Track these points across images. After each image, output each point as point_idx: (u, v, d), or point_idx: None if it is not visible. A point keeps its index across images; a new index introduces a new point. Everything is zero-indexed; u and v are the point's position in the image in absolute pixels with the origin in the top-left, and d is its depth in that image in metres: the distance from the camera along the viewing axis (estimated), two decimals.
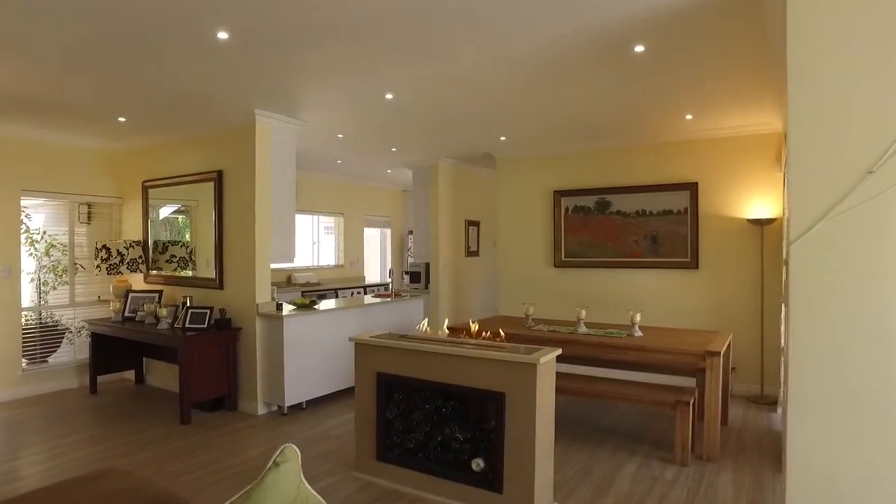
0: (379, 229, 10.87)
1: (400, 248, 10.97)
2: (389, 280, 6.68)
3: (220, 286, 5.46)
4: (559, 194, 6.69)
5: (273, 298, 5.44)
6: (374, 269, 10.87)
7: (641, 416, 5.02)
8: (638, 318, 4.60)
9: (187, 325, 5.11)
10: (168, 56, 3.71)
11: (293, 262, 5.77)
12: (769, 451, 4.20)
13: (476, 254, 8.51)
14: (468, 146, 6.85)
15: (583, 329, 4.77)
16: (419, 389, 3.50)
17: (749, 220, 5.55)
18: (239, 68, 3.96)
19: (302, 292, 8.17)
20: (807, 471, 2.30)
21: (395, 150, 7.06)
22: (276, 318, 5.12)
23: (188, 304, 5.41)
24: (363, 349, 3.75)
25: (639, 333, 4.55)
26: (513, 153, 7.04)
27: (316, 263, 9.46)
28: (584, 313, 4.82)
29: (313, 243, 9.52)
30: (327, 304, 5.97)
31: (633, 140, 6.22)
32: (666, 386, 4.32)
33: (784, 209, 5.13)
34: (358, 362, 3.77)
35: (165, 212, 6.22)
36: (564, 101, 4.81)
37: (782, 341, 4.99)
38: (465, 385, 3.29)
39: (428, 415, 3.46)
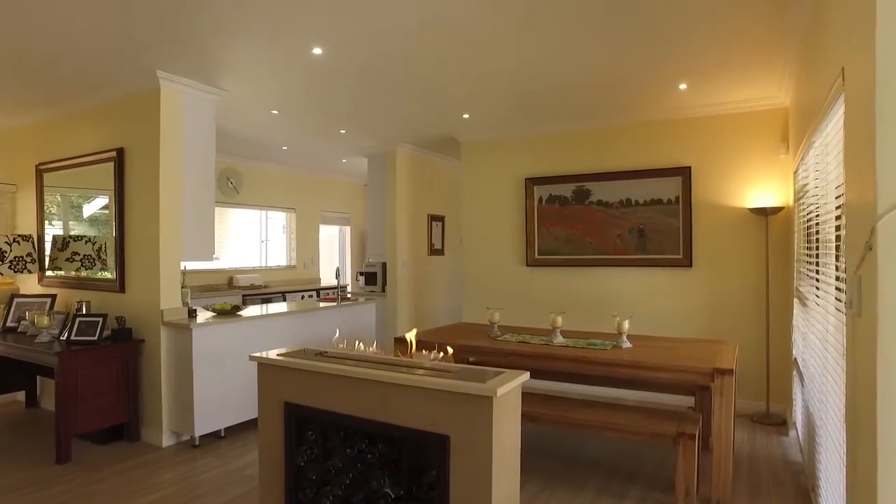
0: (337, 227, 9.91)
1: (361, 248, 10.03)
2: (336, 281, 5.73)
3: (122, 289, 4.48)
4: (531, 182, 5.84)
5: (186, 304, 4.47)
6: (332, 270, 9.90)
7: (632, 442, 4.17)
8: (626, 325, 3.75)
9: (73, 337, 4.12)
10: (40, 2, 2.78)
11: (212, 259, 4.81)
12: (791, 490, 3.37)
13: (440, 252, 7.61)
14: (428, 127, 5.96)
15: (559, 339, 3.90)
16: (338, 427, 2.59)
17: (751, 210, 4.75)
18: (132, 15, 3.04)
19: (243, 296, 7.20)
20: None
21: (344, 132, 6.14)
22: (183, 328, 4.16)
23: (81, 312, 4.42)
24: (268, 371, 2.82)
25: (627, 344, 3.71)
26: (479, 136, 6.17)
27: (263, 264, 8.47)
28: (560, 320, 3.96)
29: (261, 242, 8.53)
30: (256, 310, 5.02)
31: (617, 119, 5.39)
32: (663, 411, 3.47)
33: (792, 196, 4.33)
34: (261, 388, 2.85)
35: (72, 201, 5.20)
36: (534, 64, 3.95)
37: (794, 351, 4.18)
38: (397, 423, 2.39)
39: (349, 462, 2.55)
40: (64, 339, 4.19)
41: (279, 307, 5.25)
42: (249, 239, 8.34)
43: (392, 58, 3.86)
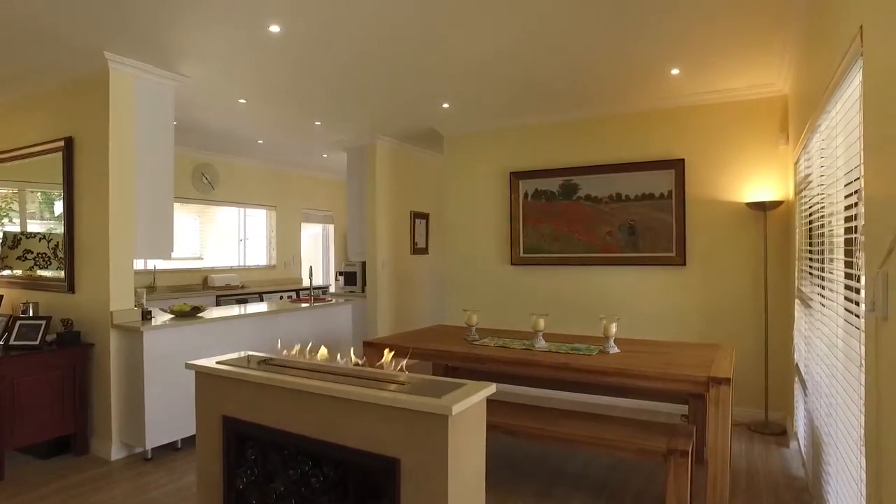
0: (321, 225, 9.58)
1: (345, 247, 9.68)
2: (310, 281, 5.41)
3: (71, 289, 4.14)
4: (516, 176, 5.52)
5: (140, 305, 4.14)
6: (315, 270, 9.58)
7: (621, 454, 3.85)
8: (613, 329, 3.43)
9: (12, 341, 3.78)
10: None
11: (171, 257, 4.47)
12: None
13: (424, 251, 7.29)
14: (407, 119, 5.63)
15: (541, 344, 3.59)
16: (279, 446, 2.27)
17: (749, 204, 4.45)
18: None
19: (217, 297, 6.86)
20: None
21: (319, 124, 5.81)
22: (133, 331, 3.82)
23: (26, 314, 4.09)
24: (205, 381, 2.50)
25: (615, 349, 3.40)
26: (461, 128, 5.85)
27: (242, 263, 8.13)
28: (542, 323, 3.64)
29: (239, 240, 8.19)
30: (219, 311, 4.68)
31: (606, 108, 5.08)
32: (653, 424, 3.16)
33: (793, 189, 4.03)
34: (198, 401, 2.52)
35: (26, 196, 4.85)
36: (515, 46, 3.64)
37: (795, 356, 3.88)
38: (342, 444, 2.07)
39: (292, 486, 2.22)
40: (1, 343, 3.85)
41: (246, 308, 4.92)
42: (227, 237, 8.00)
43: (359, 37, 3.54)
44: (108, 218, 3.86)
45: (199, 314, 4.39)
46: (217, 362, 2.53)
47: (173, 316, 4.28)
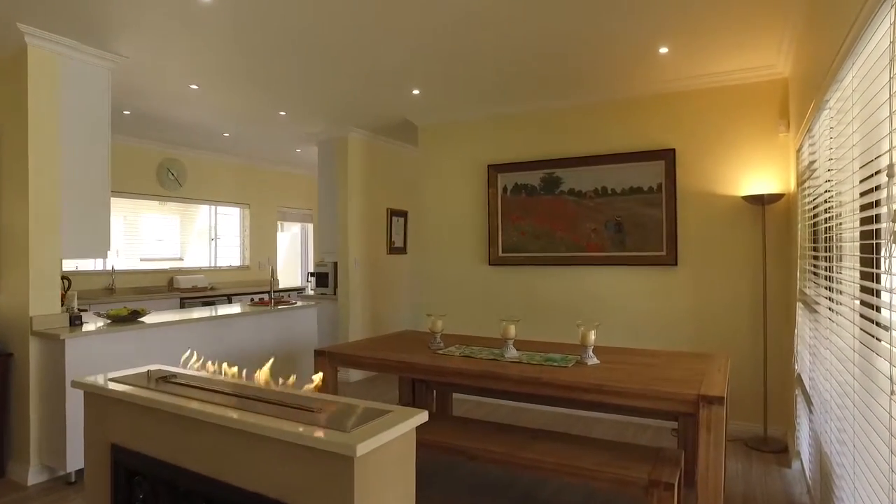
0: (299, 224, 9.16)
1: None
2: (271, 281, 5.00)
3: None
4: (494, 170, 5.11)
5: (70, 308, 3.72)
6: (294, 271, 9.17)
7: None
8: (592, 337, 3.02)
9: None
10: None
11: (106, 256, 4.05)
12: None
13: (402, 250, 6.87)
14: (377, 108, 5.22)
15: (511, 353, 3.17)
16: (170, 483, 1.85)
17: (745, 198, 4.04)
18: None
19: (181, 299, 6.43)
20: None
21: (283, 114, 5.39)
22: (54, 339, 3.40)
23: None
24: (94, 403, 2.08)
25: (594, 360, 2.98)
26: (435, 117, 5.43)
27: (212, 264, 7.71)
28: (513, 330, 3.22)
29: (210, 240, 7.76)
30: (166, 316, 4.26)
31: (590, 95, 4.68)
32: (635, 448, 2.74)
33: (794, 180, 3.64)
34: (87, 425, 2.10)
35: None
36: (487, 21, 3.22)
37: (797, 366, 3.47)
38: (237, 485, 1.65)
39: None
40: None
41: (194, 313, 4.49)
42: (199, 237, 7.58)
43: (295, 9, 3.12)
44: (27, 213, 3.44)
45: (140, 318, 3.97)
46: (112, 379, 2.11)
47: (109, 320, 3.86)
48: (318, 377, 1.89)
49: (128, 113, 5.35)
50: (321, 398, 1.79)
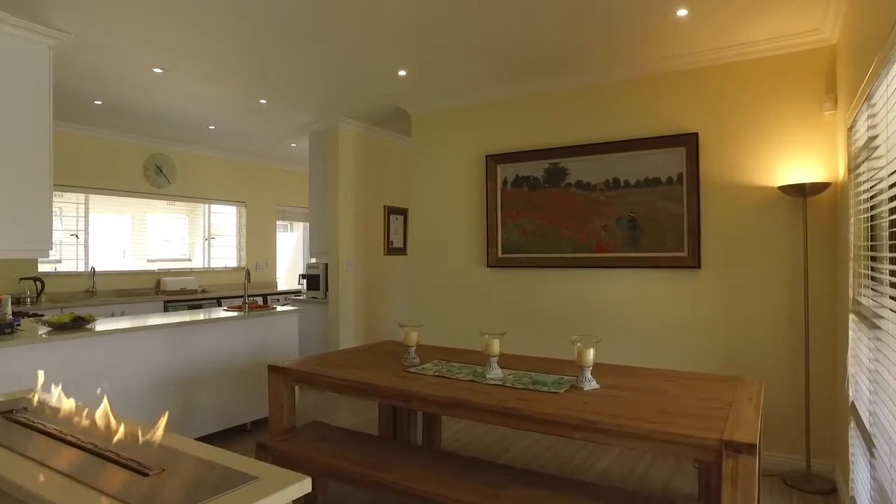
0: (302, 223, 8.73)
1: None
2: (244, 281, 4.55)
3: None
4: (493, 160, 4.55)
5: (3, 315, 3.30)
6: (296, 272, 8.73)
7: None
8: (591, 356, 2.45)
9: None
10: None
11: (48, 255, 3.63)
12: None
13: (402, 251, 6.36)
14: (364, 94, 4.71)
15: (494, 374, 2.63)
16: None
17: (782, 189, 3.41)
18: None
19: (165, 302, 6.03)
20: None
21: (265, 102, 4.93)
22: None
23: None
24: None
25: (592, 384, 2.42)
26: (428, 104, 4.90)
27: (206, 265, 7.31)
28: (496, 346, 2.67)
29: (204, 240, 7.37)
30: (118, 322, 3.81)
31: (599, 72, 4.09)
32: (639, 500, 2.16)
33: (844, 165, 3.01)
34: None
35: None
36: None
37: (851, 392, 2.84)
38: None
39: None
40: None
41: (152, 319, 4.03)
42: (186, 236, 7.20)
43: None
44: None
45: (87, 326, 3.54)
46: None
47: (51, 327, 3.43)
48: (163, 421, 1.37)
49: (99, 103, 4.96)
50: (170, 453, 1.28)
